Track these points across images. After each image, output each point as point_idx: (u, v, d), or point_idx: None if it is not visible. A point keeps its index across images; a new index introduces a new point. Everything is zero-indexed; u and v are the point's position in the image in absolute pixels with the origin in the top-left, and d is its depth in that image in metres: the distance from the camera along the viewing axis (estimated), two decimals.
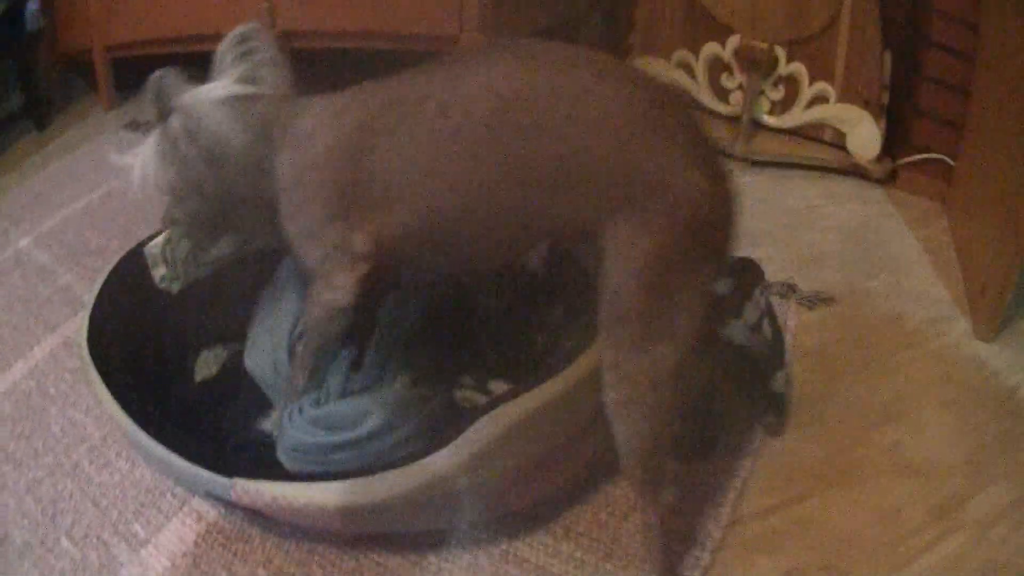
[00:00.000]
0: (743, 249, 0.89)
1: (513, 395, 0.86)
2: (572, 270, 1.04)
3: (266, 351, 1.10)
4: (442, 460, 0.84)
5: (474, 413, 0.86)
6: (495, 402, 0.87)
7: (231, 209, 0.95)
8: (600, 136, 0.74)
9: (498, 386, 0.99)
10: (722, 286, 1.07)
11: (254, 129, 0.89)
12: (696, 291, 0.75)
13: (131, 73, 2.94)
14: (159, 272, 1.15)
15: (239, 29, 0.95)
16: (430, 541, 1.00)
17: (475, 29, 1.58)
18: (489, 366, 1.03)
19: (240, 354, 1.14)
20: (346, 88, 0.89)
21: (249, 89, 0.90)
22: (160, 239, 1.15)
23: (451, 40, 1.63)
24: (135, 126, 2.55)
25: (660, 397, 0.78)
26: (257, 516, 0.97)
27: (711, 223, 0.74)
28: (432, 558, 0.99)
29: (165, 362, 1.15)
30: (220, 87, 0.90)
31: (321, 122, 0.88)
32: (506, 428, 0.84)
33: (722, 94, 1.83)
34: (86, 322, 1.05)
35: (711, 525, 1.01)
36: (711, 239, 0.75)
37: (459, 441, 0.84)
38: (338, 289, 0.90)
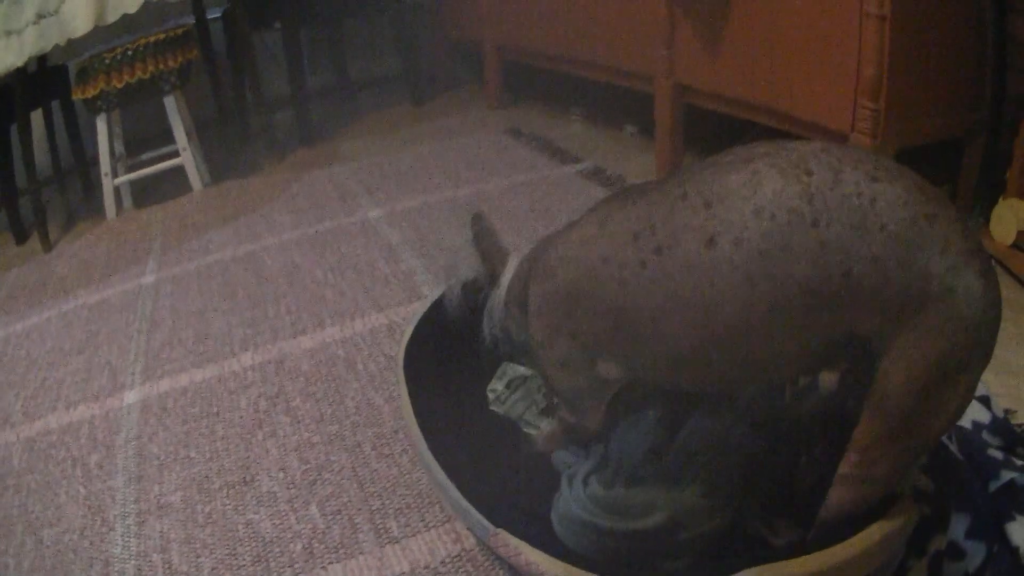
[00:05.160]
0: None
1: (797, 551, 0.79)
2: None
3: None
4: None
5: (757, 551, 0.82)
6: (779, 551, 0.82)
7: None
8: (886, 244, 0.69)
9: (781, 524, 0.92)
10: None
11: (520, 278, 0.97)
12: (959, 394, 0.73)
13: (521, 77, 2.98)
14: (497, 386, 1.15)
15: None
16: None
17: (866, 132, 1.45)
18: (770, 498, 0.96)
19: None
20: (592, 212, 0.89)
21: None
22: (522, 370, 1.16)
23: (843, 137, 1.52)
24: (517, 135, 2.52)
25: (890, 481, 0.79)
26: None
27: (985, 326, 0.70)
28: None
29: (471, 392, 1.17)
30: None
31: (566, 255, 0.88)
32: None
33: None
34: (410, 330, 1.11)
35: None
36: (983, 342, 0.71)
37: None
38: (585, 415, 0.95)
